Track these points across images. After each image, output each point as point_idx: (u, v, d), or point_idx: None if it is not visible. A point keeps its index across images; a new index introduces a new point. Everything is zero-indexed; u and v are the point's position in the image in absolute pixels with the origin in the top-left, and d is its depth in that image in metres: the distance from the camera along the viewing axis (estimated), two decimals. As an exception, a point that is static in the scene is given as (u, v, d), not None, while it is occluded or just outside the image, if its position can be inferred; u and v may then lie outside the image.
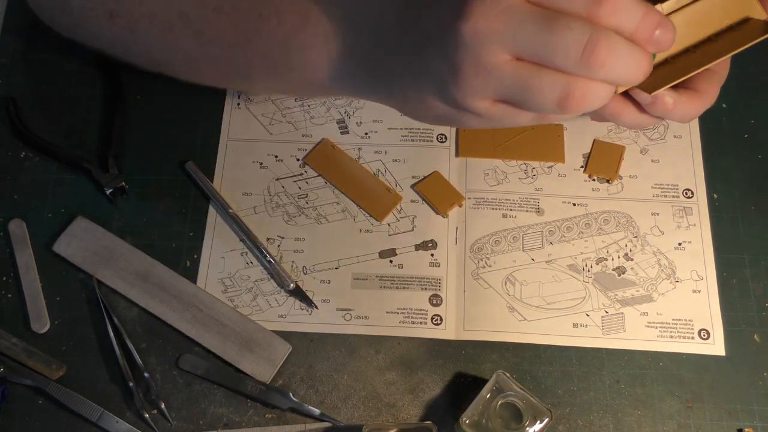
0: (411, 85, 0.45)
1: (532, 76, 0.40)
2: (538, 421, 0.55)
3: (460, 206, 0.68)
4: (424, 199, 0.68)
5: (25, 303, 0.64)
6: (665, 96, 0.46)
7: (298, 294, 0.64)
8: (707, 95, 0.59)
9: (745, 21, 0.49)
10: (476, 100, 0.42)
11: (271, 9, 0.51)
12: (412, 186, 0.69)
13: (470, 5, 0.39)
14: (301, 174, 0.69)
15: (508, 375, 0.57)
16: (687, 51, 0.48)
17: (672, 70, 0.47)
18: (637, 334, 0.64)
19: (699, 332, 0.64)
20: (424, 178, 0.69)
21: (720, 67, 0.57)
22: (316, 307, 0.64)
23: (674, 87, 0.48)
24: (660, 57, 0.48)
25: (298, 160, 0.69)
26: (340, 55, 0.49)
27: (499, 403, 0.56)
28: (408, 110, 0.48)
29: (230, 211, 0.67)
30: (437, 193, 0.68)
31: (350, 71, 0.49)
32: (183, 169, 0.69)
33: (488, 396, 0.56)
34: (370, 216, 0.67)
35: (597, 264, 0.66)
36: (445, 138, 0.71)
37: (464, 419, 0.56)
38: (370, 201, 0.68)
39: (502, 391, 0.56)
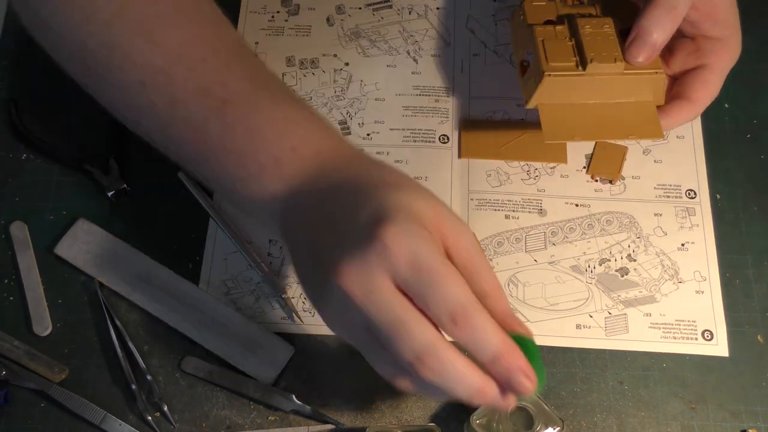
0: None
1: (375, 351, 0.44)
2: (550, 428, 0.55)
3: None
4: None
5: (27, 306, 0.64)
6: None
7: (284, 305, 0.64)
8: (698, 102, 0.62)
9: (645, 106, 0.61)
10: (338, 332, 0.47)
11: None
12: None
13: (344, 267, 0.42)
14: (303, 175, 0.69)
15: None
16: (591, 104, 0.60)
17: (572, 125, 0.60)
18: (641, 336, 0.63)
19: (702, 333, 0.64)
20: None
21: (713, 75, 0.62)
22: (301, 320, 0.64)
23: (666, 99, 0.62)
24: (571, 100, 0.60)
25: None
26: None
27: (511, 406, 0.56)
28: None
29: (225, 220, 0.67)
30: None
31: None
32: (177, 179, 0.68)
33: (502, 398, 0.56)
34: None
35: (600, 265, 0.66)
36: (448, 139, 0.71)
37: (475, 419, 0.56)
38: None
39: (517, 394, 0.56)
